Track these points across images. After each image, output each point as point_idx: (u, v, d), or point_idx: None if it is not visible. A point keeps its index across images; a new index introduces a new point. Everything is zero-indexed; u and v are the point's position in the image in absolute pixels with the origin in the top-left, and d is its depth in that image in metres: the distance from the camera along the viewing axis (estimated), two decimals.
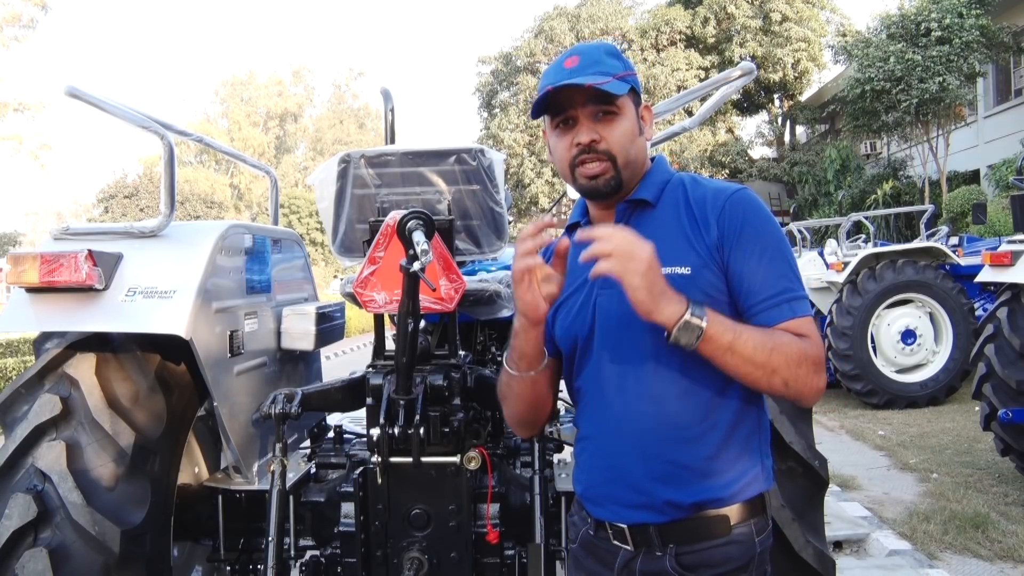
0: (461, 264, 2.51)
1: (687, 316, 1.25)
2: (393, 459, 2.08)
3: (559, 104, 1.42)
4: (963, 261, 8.02)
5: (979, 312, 7.72)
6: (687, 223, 1.41)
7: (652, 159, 1.53)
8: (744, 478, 1.39)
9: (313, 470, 2.61)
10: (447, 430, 2.12)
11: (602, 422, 1.44)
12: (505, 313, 2.66)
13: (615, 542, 1.44)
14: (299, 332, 2.71)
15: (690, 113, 10.26)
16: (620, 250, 1.25)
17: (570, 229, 1.56)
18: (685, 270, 1.36)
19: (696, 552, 1.38)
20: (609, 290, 1.41)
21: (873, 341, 7.59)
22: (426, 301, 2.03)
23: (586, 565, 1.51)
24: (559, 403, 2.65)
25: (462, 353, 2.44)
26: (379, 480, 2.12)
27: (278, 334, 2.72)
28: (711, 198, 1.41)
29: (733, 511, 1.38)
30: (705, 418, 1.37)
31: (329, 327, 2.87)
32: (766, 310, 1.35)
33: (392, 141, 2.95)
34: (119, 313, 2.02)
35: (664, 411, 1.37)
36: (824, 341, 7.02)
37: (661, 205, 1.46)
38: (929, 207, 9.67)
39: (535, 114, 1.44)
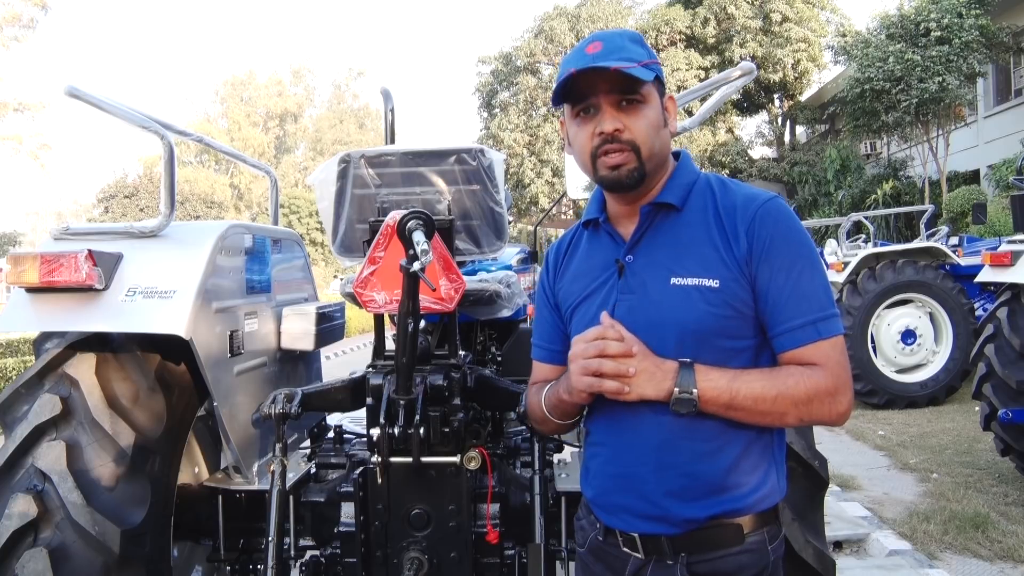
0: (461, 264, 2.51)
1: (676, 394, 1.27)
2: (393, 459, 2.08)
3: (580, 91, 1.36)
4: (963, 261, 8.02)
5: (979, 312, 7.72)
6: (716, 233, 1.36)
7: (676, 155, 1.48)
8: (760, 490, 1.36)
9: (313, 470, 2.61)
10: (447, 430, 2.12)
11: (616, 430, 1.40)
12: (505, 313, 2.66)
13: (625, 549, 1.41)
14: (299, 332, 2.71)
15: (690, 113, 10.26)
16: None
17: (585, 224, 1.53)
18: (714, 283, 1.32)
19: (708, 561, 1.35)
20: (631, 295, 1.38)
21: (873, 341, 7.59)
22: (426, 301, 2.03)
23: (594, 571, 1.48)
24: None
25: (462, 353, 2.43)
26: (379, 480, 2.11)
27: (278, 334, 2.72)
28: (741, 207, 1.36)
29: (747, 520, 1.35)
30: (724, 431, 1.33)
31: (329, 327, 2.87)
32: (788, 332, 1.31)
33: (392, 141, 2.95)
34: (119, 313, 2.02)
35: (682, 422, 1.32)
36: None
37: (688, 209, 1.40)
38: (929, 207, 9.68)
39: (556, 101, 1.39)
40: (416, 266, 1.69)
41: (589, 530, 1.50)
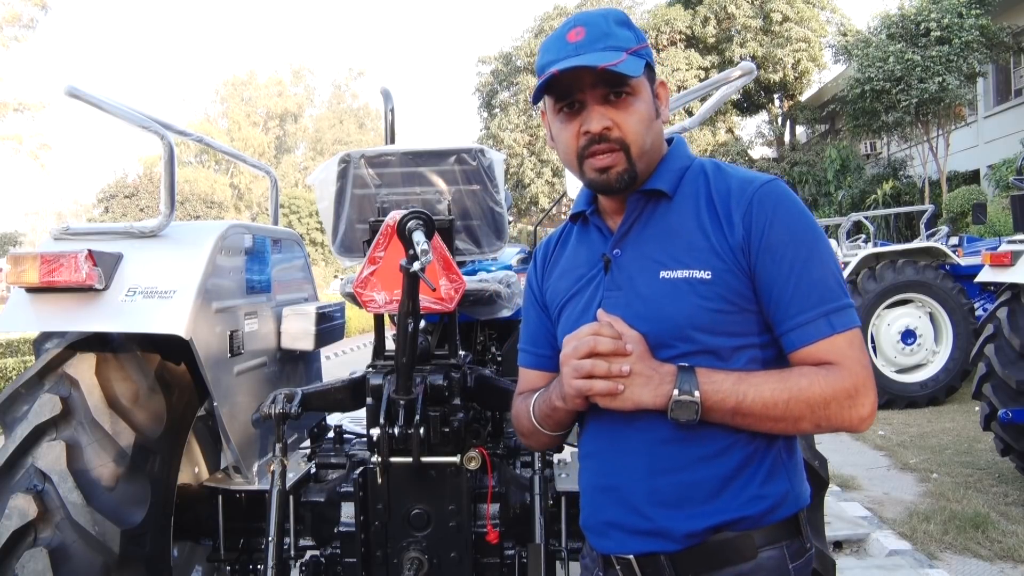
0: (461, 264, 2.51)
1: (675, 397, 1.15)
2: (393, 459, 2.08)
3: (563, 86, 1.22)
4: (963, 261, 8.03)
5: (979, 312, 7.72)
6: (708, 220, 1.23)
7: (670, 141, 1.34)
8: (771, 498, 1.22)
9: (313, 470, 2.61)
10: (447, 430, 2.12)
11: (607, 437, 1.27)
12: (505, 313, 2.66)
13: None
14: (299, 332, 2.71)
15: (690, 113, 10.25)
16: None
17: (574, 219, 1.42)
18: (705, 274, 1.19)
19: None
20: (617, 291, 1.26)
21: (873, 341, 7.59)
22: (426, 301, 2.03)
23: None
24: None
25: (462, 353, 2.43)
26: (379, 480, 2.11)
27: (278, 334, 2.72)
28: (736, 191, 1.23)
29: (758, 534, 1.21)
30: (727, 434, 1.20)
31: (329, 327, 2.87)
32: (797, 328, 1.18)
33: (392, 141, 2.95)
34: (119, 313, 2.02)
35: (680, 425, 1.19)
36: None
37: (679, 197, 1.27)
38: (929, 207, 9.68)
39: (536, 99, 1.27)
40: (416, 266, 1.69)
41: (592, 568, 1.36)
